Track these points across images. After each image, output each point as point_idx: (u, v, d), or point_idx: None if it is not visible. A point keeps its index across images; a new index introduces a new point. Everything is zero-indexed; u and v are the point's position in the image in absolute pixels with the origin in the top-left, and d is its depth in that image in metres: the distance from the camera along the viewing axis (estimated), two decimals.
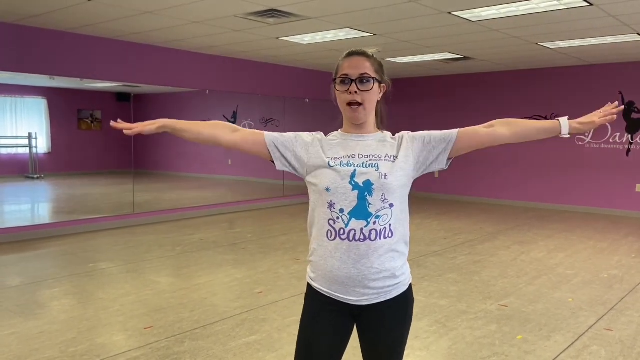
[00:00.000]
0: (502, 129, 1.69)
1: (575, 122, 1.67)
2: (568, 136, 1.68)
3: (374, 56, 1.67)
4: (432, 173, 1.76)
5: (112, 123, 1.64)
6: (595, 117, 1.67)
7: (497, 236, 6.86)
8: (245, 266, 5.21)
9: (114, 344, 3.29)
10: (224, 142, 1.69)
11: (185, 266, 5.20)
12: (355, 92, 1.60)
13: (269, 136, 1.70)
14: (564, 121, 1.66)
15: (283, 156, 1.69)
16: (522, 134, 1.70)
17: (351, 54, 1.66)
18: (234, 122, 11.05)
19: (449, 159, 1.69)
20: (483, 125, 1.71)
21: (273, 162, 1.71)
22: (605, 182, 8.86)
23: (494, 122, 1.71)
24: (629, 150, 8.63)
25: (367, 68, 1.62)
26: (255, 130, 1.74)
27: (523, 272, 5.07)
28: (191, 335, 3.44)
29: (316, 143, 1.69)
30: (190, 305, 4.02)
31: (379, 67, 1.66)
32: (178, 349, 3.22)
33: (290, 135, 1.72)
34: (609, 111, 1.68)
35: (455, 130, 1.70)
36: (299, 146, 1.69)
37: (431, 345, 3.32)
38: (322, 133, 1.75)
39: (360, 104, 1.62)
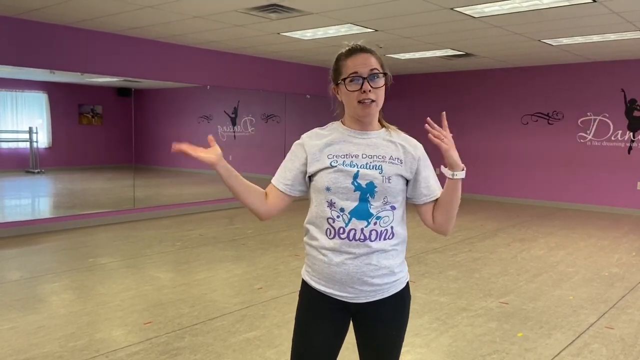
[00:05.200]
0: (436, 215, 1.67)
1: (444, 163, 1.60)
2: (451, 176, 1.59)
3: (375, 50, 1.63)
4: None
5: (178, 147, 1.65)
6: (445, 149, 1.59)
7: (498, 233, 6.85)
8: (245, 262, 5.20)
9: (114, 339, 3.29)
10: (262, 215, 1.69)
11: (185, 262, 5.20)
12: (370, 90, 1.56)
13: (280, 183, 1.68)
14: (444, 170, 1.61)
15: (299, 183, 1.68)
16: (445, 209, 1.64)
17: (354, 51, 1.61)
18: (235, 118, 10.90)
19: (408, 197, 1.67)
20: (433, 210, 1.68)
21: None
22: (607, 180, 8.85)
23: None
24: (630, 148, 8.61)
25: (375, 64, 1.58)
26: (268, 189, 1.71)
27: (523, 270, 5.06)
28: (191, 330, 3.43)
29: (311, 155, 1.64)
30: (190, 300, 4.02)
31: (382, 61, 1.63)
32: (178, 344, 3.21)
33: (295, 163, 1.67)
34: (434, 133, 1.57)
35: (435, 195, 1.66)
36: (300, 166, 1.66)
37: (431, 342, 3.31)
38: (311, 134, 1.69)
39: (373, 101, 1.58)
